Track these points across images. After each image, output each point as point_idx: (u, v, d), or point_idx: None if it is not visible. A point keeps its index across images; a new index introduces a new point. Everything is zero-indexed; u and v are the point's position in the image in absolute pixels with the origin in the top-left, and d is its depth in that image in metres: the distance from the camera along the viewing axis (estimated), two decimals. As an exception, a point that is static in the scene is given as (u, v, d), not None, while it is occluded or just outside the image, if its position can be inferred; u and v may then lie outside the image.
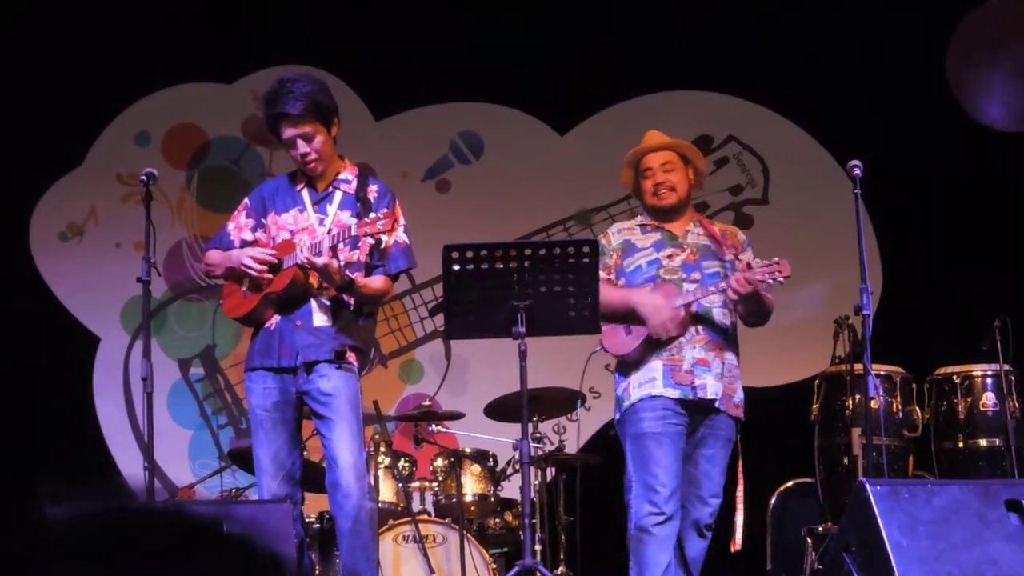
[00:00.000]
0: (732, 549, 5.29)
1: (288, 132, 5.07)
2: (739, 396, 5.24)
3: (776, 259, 5.07)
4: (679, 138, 5.55)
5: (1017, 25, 8.18)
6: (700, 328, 5.18)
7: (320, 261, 4.86)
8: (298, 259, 4.93)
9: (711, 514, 5.18)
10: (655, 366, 5.16)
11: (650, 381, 5.15)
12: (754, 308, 5.24)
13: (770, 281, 5.07)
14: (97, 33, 8.00)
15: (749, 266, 5.14)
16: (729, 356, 5.23)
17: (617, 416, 5.28)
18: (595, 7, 8.28)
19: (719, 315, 5.23)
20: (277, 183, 5.29)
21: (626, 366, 5.26)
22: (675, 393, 5.13)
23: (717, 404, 5.16)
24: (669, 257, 5.27)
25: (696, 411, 5.17)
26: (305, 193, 5.17)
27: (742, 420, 5.26)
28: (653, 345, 5.17)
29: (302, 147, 5.07)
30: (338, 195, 5.14)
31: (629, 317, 5.18)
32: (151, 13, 8.05)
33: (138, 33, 8.04)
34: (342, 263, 4.99)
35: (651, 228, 5.36)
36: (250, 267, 5.03)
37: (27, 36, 7.97)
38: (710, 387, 5.14)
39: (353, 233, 4.90)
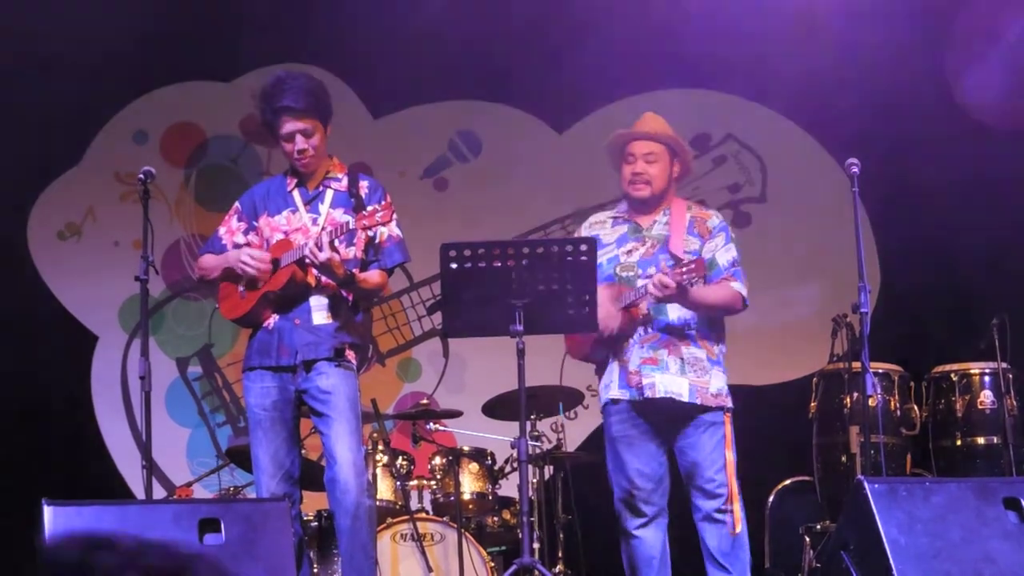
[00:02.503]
0: (731, 533, 5.17)
1: (288, 126, 5.06)
2: (716, 387, 5.11)
3: (692, 260, 4.96)
4: (678, 135, 5.43)
5: (1015, 20, 8.19)
6: (649, 327, 5.12)
7: (323, 256, 4.86)
8: (303, 253, 4.92)
9: (718, 498, 5.05)
10: (613, 367, 5.17)
11: (609, 384, 5.17)
12: (691, 306, 5.10)
13: (686, 282, 4.93)
14: (95, 31, 7.99)
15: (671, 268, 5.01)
16: (691, 350, 5.11)
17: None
18: (593, 5, 8.28)
19: (676, 311, 5.12)
20: (267, 186, 5.29)
21: (599, 367, 5.27)
22: (624, 395, 5.12)
23: (687, 400, 5.06)
24: (628, 253, 5.21)
25: (656, 410, 5.09)
26: (296, 193, 5.17)
27: (729, 408, 5.14)
28: (606, 345, 5.14)
29: (300, 143, 5.07)
30: (329, 193, 5.14)
31: None
32: (149, 11, 8.04)
33: (136, 31, 8.03)
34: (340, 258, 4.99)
35: (622, 220, 5.31)
36: (247, 264, 5.02)
37: (25, 34, 7.95)
38: (661, 385, 5.05)
39: (352, 227, 4.89)
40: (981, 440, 6.43)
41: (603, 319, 5.01)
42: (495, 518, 6.78)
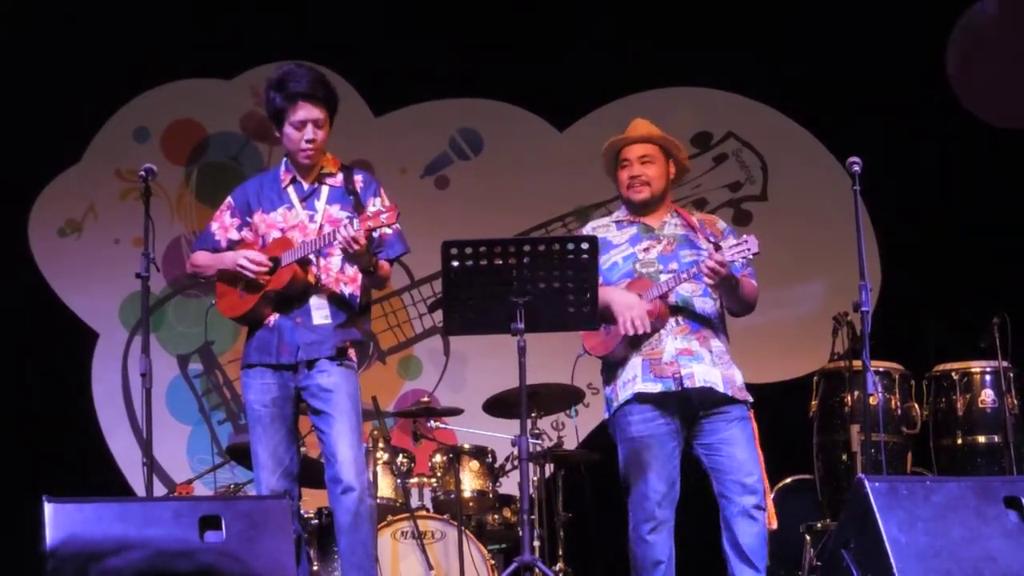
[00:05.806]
0: (769, 527, 5.14)
1: (302, 113, 5.01)
2: (740, 380, 5.13)
3: (744, 237, 4.98)
4: (678, 133, 5.45)
5: (1016, 21, 8.19)
6: (681, 318, 5.10)
7: (363, 240, 4.82)
8: (318, 247, 4.92)
9: (756, 493, 4.99)
10: (635, 363, 5.09)
11: (632, 379, 5.09)
12: (734, 293, 5.11)
13: (740, 260, 4.99)
14: (97, 29, 8.00)
15: (719, 248, 5.02)
16: (717, 343, 5.13)
17: (607, 415, 5.23)
18: (595, 3, 8.28)
19: (701, 303, 5.14)
20: (260, 181, 5.24)
21: (610, 366, 5.19)
22: (656, 387, 5.04)
23: (721, 390, 5.05)
24: (645, 250, 5.19)
25: (688, 402, 5.07)
26: (291, 190, 5.14)
27: (751, 401, 5.15)
28: (633, 341, 5.09)
29: (310, 132, 5.03)
30: (325, 190, 5.12)
31: (607, 315, 5.09)
32: (151, 9, 8.04)
33: (137, 29, 8.04)
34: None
35: (627, 223, 5.28)
36: (246, 268, 5.01)
37: (27, 32, 7.97)
38: (699, 375, 5.03)
39: (357, 228, 4.86)
40: (982, 439, 6.42)
41: (637, 315, 4.98)
42: (496, 516, 6.78)
